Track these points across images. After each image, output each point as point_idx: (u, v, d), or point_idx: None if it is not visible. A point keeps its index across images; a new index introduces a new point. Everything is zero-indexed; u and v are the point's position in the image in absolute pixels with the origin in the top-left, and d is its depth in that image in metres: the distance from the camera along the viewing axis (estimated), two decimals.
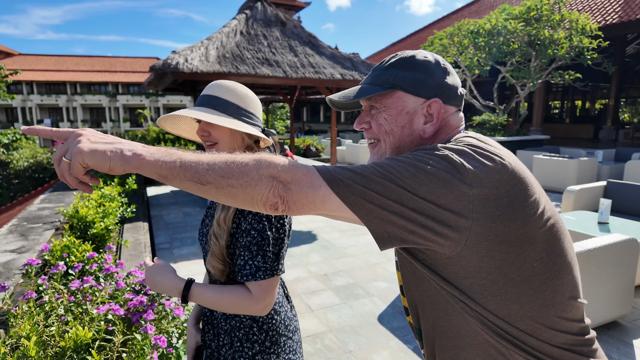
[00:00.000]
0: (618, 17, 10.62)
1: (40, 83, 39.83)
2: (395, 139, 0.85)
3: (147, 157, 0.67)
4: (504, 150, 0.76)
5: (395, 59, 0.86)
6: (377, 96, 0.85)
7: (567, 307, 0.73)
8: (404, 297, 0.92)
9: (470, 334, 0.75)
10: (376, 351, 2.76)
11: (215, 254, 1.07)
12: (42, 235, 2.97)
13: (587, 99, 25.73)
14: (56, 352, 1.49)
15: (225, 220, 1.06)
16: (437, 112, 0.84)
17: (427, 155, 0.70)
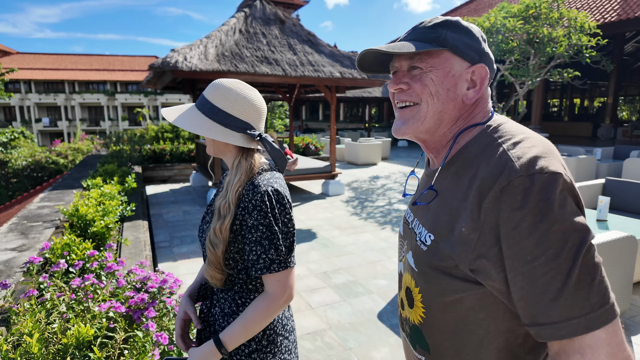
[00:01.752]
0: (616, 14, 10.63)
1: (38, 82, 39.70)
2: (440, 103, 0.79)
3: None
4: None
5: (440, 20, 0.81)
6: (423, 55, 0.79)
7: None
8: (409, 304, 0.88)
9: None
10: (376, 348, 2.77)
11: (212, 262, 1.07)
12: (42, 234, 2.97)
13: (585, 97, 25.78)
14: (58, 349, 1.50)
15: (221, 230, 1.05)
16: (481, 78, 0.80)
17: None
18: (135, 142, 12.04)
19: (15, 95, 38.20)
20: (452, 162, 0.80)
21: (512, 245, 0.63)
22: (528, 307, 0.63)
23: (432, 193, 0.82)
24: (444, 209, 0.77)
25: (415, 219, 0.87)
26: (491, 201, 0.65)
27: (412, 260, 0.82)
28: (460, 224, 0.70)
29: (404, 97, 0.81)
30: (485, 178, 0.67)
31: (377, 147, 12.56)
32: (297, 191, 8.42)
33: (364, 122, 26.59)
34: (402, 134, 0.83)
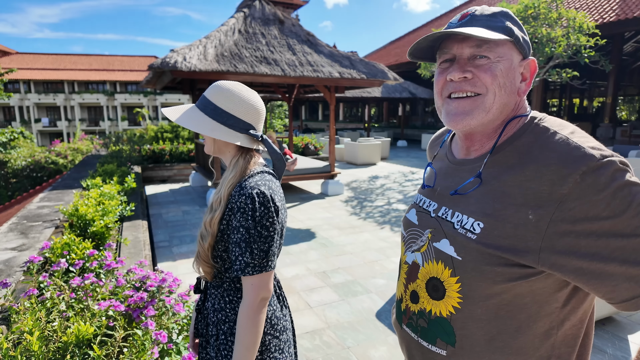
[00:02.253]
0: (615, 14, 10.65)
1: (37, 82, 39.68)
2: (506, 95, 0.77)
3: None
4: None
5: (498, 10, 0.79)
6: (492, 44, 0.76)
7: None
8: (427, 294, 0.84)
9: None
10: (374, 347, 2.79)
11: (200, 255, 1.11)
12: (42, 234, 2.99)
13: (585, 97, 25.81)
14: (58, 347, 1.51)
15: (211, 224, 1.08)
16: (531, 72, 0.80)
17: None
18: (134, 142, 12.05)
19: (15, 95, 38.18)
20: (498, 151, 0.79)
21: (606, 224, 0.63)
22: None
23: (476, 181, 0.80)
24: (493, 196, 0.75)
25: (444, 206, 0.85)
26: (570, 186, 0.65)
27: (450, 248, 0.79)
28: (523, 211, 0.69)
29: (467, 87, 0.78)
30: (554, 164, 0.67)
31: (377, 147, 12.57)
32: (296, 191, 8.43)
33: (364, 122, 26.60)
34: (465, 125, 0.80)
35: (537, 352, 0.74)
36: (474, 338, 0.77)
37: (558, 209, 0.65)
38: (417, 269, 0.87)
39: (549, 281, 0.71)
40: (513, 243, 0.69)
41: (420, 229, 0.89)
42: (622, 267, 0.62)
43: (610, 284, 0.64)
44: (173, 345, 1.85)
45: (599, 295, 0.68)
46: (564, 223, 0.65)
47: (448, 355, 0.80)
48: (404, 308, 0.91)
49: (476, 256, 0.74)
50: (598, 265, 0.63)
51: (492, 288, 0.73)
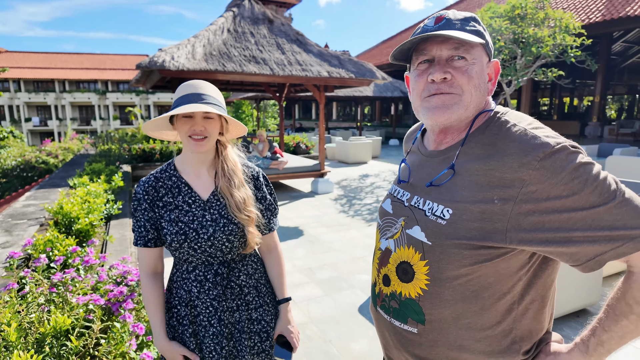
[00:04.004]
0: (601, 15, 10.82)
1: (28, 81, 39.27)
2: (480, 94, 0.84)
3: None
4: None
5: (468, 15, 0.85)
6: (468, 46, 0.82)
7: None
8: (398, 278, 0.90)
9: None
10: (355, 340, 2.85)
11: (250, 233, 1.28)
12: (26, 231, 3.01)
13: (575, 96, 26.11)
14: (36, 338, 1.55)
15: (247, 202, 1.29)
16: (495, 72, 0.88)
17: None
18: (126, 141, 12.00)
19: (4, 94, 37.76)
20: (465, 144, 0.86)
21: (567, 202, 0.71)
22: (613, 231, 0.70)
23: (450, 172, 0.86)
24: (462, 184, 0.81)
25: (416, 195, 0.91)
26: (529, 171, 0.72)
27: (421, 234, 0.84)
28: (489, 197, 0.76)
29: (446, 88, 0.83)
30: (515, 154, 0.75)
31: (368, 146, 12.65)
32: (286, 189, 8.48)
33: (356, 121, 26.70)
34: (446, 119, 0.85)
35: (500, 326, 0.82)
36: (442, 317, 0.83)
37: (521, 192, 0.72)
38: (389, 254, 0.93)
39: (512, 261, 0.78)
40: (481, 226, 0.76)
41: (394, 217, 0.95)
42: (584, 233, 0.70)
43: (575, 248, 0.72)
44: (151, 337, 1.90)
45: (564, 260, 0.75)
46: (527, 204, 0.72)
47: (419, 332, 0.86)
48: (377, 291, 0.97)
49: (445, 240, 0.80)
50: (563, 235, 0.71)
51: (458, 270, 0.79)
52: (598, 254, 0.71)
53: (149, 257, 1.30)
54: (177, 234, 1.23)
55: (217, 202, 1.29)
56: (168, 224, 1.24)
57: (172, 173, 1.31)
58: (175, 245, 1.24)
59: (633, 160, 7.12)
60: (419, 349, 0.88)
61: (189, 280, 1.28)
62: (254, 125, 20.96)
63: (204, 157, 1.30)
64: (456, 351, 0.84)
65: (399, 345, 0.92)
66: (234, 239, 1.27)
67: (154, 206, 1.26)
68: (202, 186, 1.30)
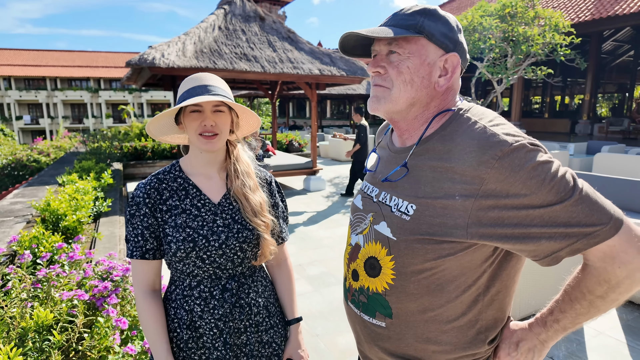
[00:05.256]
0: (590, 14, 10.93)
1: (18, 78, 38.84)
2: (413, 90, 0.84)
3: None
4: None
5: (419, 8, 0.84)
6: (401, 41, 0.82)
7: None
8: (366, 273, 0.91)
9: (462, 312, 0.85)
10: (341, 334, 2.88)
11: (266, 242, 1.16)
12: (12, 228, 3.00)
13: (566, 94, 26.34)
14: (18, 333, 1.57)
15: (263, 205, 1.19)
16: (453, 66, 0.84)
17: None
18: (119, 139, 11.93)
19: None
20: (426, 140, 0.86)
21: (525, 200, 0.71)
22: (569, 228, 0.71)
23: (403, 170, 0.87)
24: (424, 180, 0.82)
25: (383, 191, 0.91)
26: (488, 170, 0.73)
27: (387, 230, 0.85)
28: (450, 193, 0.77)
29: (379, 81, 0.86)
30: (474, 151, 0.75)
31: None
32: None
33: (350, 119, 26.72)
34: (374, 111, 0.89)
35: (465, 317, 0.84)
36: (408, 310, 0.85)
37: (481, 190, 0.73)
38: (358, 250, 0.94)
39: (476, 254, 0.79)
40: (443, 221, 0.77)
41: (364, 213, 0.96)
42: (541, 229, 0.72)
43: (533, 245, 0.73)
44: (137, 332, 1.91)
45: (525, 255, 0.77)
46: (487, 200, 0.73)
47: (387, 326, 0.88)
48: (348, 286, 0.98)
49: (409, 236, 0.81)
50: (522, 231, 0.73)
51: (423, 265, 0.81)
52: (555, 251, 0.73)
53: (147, 272, 1.14)
54: (184, 241, 1.08)
55: (230, 206, 1.16)
56: (174, 230, 1.10)
57: (177, 174, 1.18)
58: (180, 255, 1.09)
59: (620, 157, 7.22)
60: (387, 343, 0.89)
61: (191, 297, 1.12)
62: None
63: (214, 157, 1.18)
64: (423, 343, 0.86)
65: (369, 340, 0.94)
66: (247, 248, 1.14)
67: (156, 211, 1.11)
68: (213, 188, 1.17)
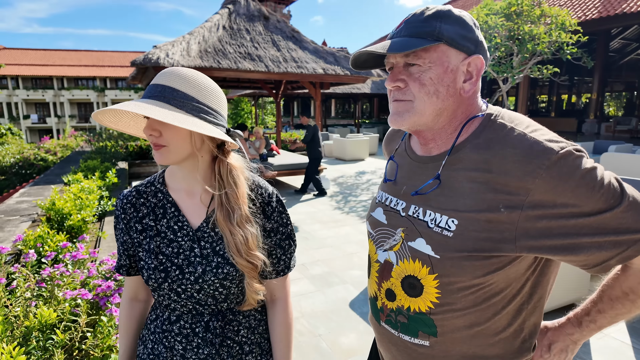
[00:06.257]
0: (597, 12, 10.82)
1: (26, 78, 39.21)
2: (440, 100, 0.79)
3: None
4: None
5: (432, 11, 0.79)
6: (420, 51, 0.77)
7: None
8: (404, 293, 0.86)
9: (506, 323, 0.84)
10: (344, 334, 2.88)
11: (251, 284, 0.97)
12: (18, 227, 3.03)
13: (573, 93, 26.12)
14: (22, 332, 1.58)
15: (256, 242, 0.97)
16: (477, 69, 0.80)
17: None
18: (124, 138, 12.00)
19: (2, 91, 37.70)
20: (458, 149, 0.81)
21: (574, 209, 0.69)
22: (620, 236, 0.69)
23: (436, 182, 0.82)
24: (461, 192, 0.77)
25: (413, 205, 0.86)
26: (534, 180, 0.69)
27: (426, 247, 0.80)
28: (494, 205, 0.72)
29: (399, 95, 0.81)
30: (518, 161, 0.71)
31: (365, 143, 12.67)
32: (283, 186, 8.50)
33: (354, 119, 26.71)
34: (398, 126, 0.84)
35: (511, 328, 0.81)
36: (455, 327, 0.81)
37: (527, 200, 0.70)
38: (391, 268, 0.88)
39: (521, 265, 0.76)
40: (490, 236, 0.73)
41: (390, 229, 0.90)
42: (592, 239, 0.69)
43: (584, 255, 0.70)
44: None
45: (574, 264, 0.75)
46: (534, 211, 0.70)
47: (431, 345, 0.83)
48: (380, 306, 0.92)
49: (454, 253, 0.76)
50: (571, 241, 0.70)
51: (471, 281, 0.77)
52: (605, 260, 0.71)
53: (128, 283, 1.08)
54: (155, 269, 0.93)
55: (212, 233, 0.96)
56: (146, 255, 0.95)
57: (158, 188, 1.01)
58: (152, 285, 0.94)
59: (628, 157, 7.15)
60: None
61: (171, 333, 0.96)
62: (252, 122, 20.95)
63: (189, 170, 0.97)
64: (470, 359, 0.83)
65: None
66: (231, 285, 0.95)
67: (131, 229, 0.98)
68: (194, 208, 0.98)
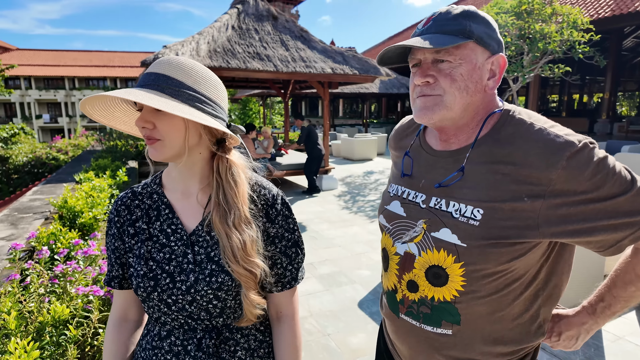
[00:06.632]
0: (610, 10, 10.65)
1: (38, 78, 39.82)
2: (469, 96, 0.83)
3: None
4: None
5: (460, 10, 0.82)
6: (451, 48, 0.80)
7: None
8: (427, 282, 0.87)
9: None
10: (353, 334, 2.88)
11: (249, 295, 0.86)
12: (31, 225, 3.07)
13: (584, 93, 25.76)
14: (36, 327, 1.60)
15: (254, 246, 0.87)
16: (500, 68, 0.84)
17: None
18: (134, 138, 12.12)
19: (16, 91, 38.32)
20: (480, 144, 0.85)
21: (591, 195, 0.75)
22: (632, 217, 0.75)
23: (459, 174, 0.86)
24: (485, 184, 0.81)
25: (434, 197, 0.88)
26: (559, 171, 0.74)
27: (452, 237, 0.83)
28: (517, 195, 0.78)
29: (428, 91, 0.83)
30: (541, 154, 0.76)
31: (373, 143, 12.63)
32: (290, 186, 8.51)
33: (362, 118, 26.65)
34: (427, 120, 0.85)
35: (528, 313, 0.86)
36: (478, 314, 0.84)
37: (549, 190, 0.75)
38: (413, 259, 0.89)
39: (538, 251, 0.81)
40: (514, 224, 0.78)
41: (410, 221, 0.91)
42: (608, 221, 0.75)
43: (601, 236, 0.76)
44: None
45: (590, 247, 0.80)
46: (556, 199, 0.75)
47: (454, 333, 0.86)
48: (401, 298, 0.93)
49: (481, 241, 0.79)
50: (590, 225, 0.76)
51: (495, 268, 0.80)
52: (619, 240, 0.77)
53: (117, 299, 0.95)
54: (144, 277, 0.84)
55: (207, 237, 0.87)
56: (136, 262, 0.87)
57: (154, 189, 0.93)
58: (141, 294, 0.85)
59: None
60: (453, 350, 0.87)
61: (161, 350, 0.88)
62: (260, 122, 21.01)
63: (188, 167, 0.89)
64: (491, 345, 0.85)
65: (431, 350, 0.90)
66: (227, 297, 0.85)
67: (124, 233, 0.90)
68: (190, 210, 0.90)
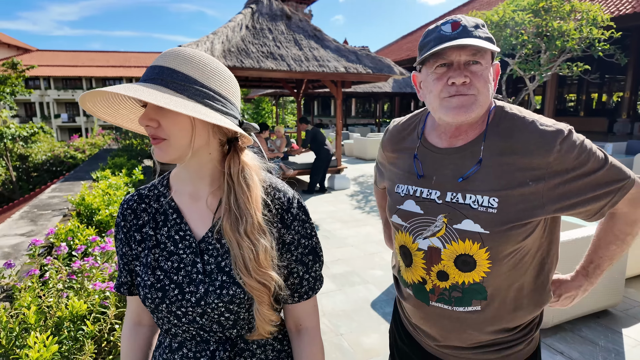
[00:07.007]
0: (632, 7, 10.36)
1: (57, 78, 40.70)
2: (489, 97, 0.93)
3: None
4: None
5: (478, 21, 0.92)
6: (483, 52, 0.90)
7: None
8: (458, 270, 0.95)
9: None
10: (366, 334, 2.86)
11: (262, 311, 0.80)
12: (50, 221, 3.14)
13: (603, 92, 25.12)
14: (54, 322, 1.63)
15: (267, 256, 0.79)
16: (497, 73, 0.96)
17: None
18: None
19: (35, 91, 39.26)
20: (485, 138, 0.96)
21: (579, 171, 0.88)
22: (609, 187, 0.90)
23: (477, 166, 0.94)
24: (494, 175, 0.92)
25: (449, 192, 0.95)
26: (554, 155, 0.87)
27: (475, 226, 0.91)
28: (523, 181, 0.89)
29: (465, 90, 0.89)
30: (538, 143, 0.88)
31: None
32: (302, 185, 8.51)
33: (375, 118, 26.53)
34: (464, 118, 0.91)
35: (539, 279, 0.99)
36: (501, 288, 0.95)
37: (547, 172, 0.88)
38: (439, 252, 0.97)
39: (540, 226, 0.93)
40: (525, 206, 0.89)
41: (429, 217, 0.98)
42: (593, 192, 0.89)
43: (590, 205, 0.90)
44: None
45: (580, 216, 0.93)
46: (554, 179, 0.88)
47: (482, 308, 0.97)
48: (431, 288, 1.00)
49: (501, 227, 0.90)
50: (582, 197, 0.89)
51: (513, 247, 0.92)
52: (602, 207, 0.91)
53: (130, 304, 0.92)
54: (151, 287, 0.79)
55: (217, 245, 0.81)
56: (143, 270, 0.81)
57: (161, 191, 0.87)
58: (149, 306, 0.80)
59: None
60: (483, 323, 0.97)
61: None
62: (272, 121, 21.09)
63: (196, 169, 0.82)
64: (513, 312, 0.97)
65: (463, 328, 0.99)
66: (239, 310, 0.80)
67: (130, 239, 0.85)
68: (199, 215, 0.83)
